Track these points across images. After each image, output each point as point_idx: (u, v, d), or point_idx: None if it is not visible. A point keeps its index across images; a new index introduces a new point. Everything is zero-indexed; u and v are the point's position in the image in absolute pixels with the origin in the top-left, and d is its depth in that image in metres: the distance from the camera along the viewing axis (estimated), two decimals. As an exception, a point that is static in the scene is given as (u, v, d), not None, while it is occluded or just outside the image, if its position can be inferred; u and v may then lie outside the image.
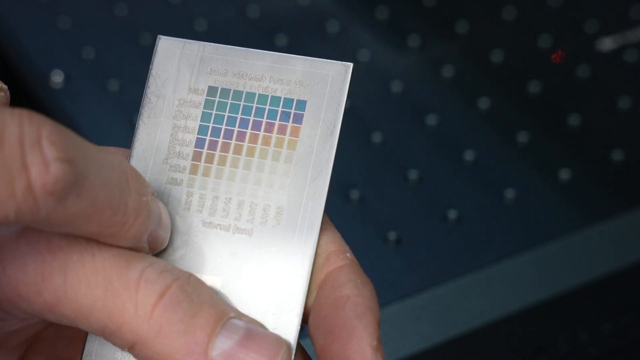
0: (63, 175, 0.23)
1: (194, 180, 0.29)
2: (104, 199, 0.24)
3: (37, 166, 0.23)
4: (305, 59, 0.29)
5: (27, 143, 0.23)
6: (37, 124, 0.23)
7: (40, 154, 0.23)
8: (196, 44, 0.29)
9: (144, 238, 0.26)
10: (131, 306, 0.25)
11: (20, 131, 0.23)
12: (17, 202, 0.23)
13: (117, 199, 0.25)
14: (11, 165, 0.22)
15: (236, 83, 0.29)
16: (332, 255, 0.28)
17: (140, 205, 0.26)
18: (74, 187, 0.23)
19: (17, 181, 0.22)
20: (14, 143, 0.23)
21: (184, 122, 0.29)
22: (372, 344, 0.26)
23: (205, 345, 0.25)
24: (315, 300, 0.28)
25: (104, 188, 0.24)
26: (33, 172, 0.23)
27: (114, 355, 0.28)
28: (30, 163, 0.23)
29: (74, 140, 0.24)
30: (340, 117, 0.29)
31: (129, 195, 0.25)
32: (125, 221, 0.25)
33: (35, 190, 0.23)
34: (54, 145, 0.23)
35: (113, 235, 0.25)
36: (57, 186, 0.23)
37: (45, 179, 0.23)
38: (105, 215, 0.25)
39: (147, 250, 0.27)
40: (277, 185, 0.28)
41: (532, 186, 0.53)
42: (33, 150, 0.23)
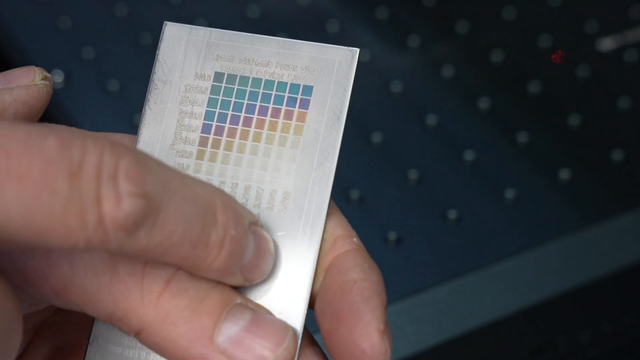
0: (135, 211, 0.23)
1: (201, 166, 0.29)
2: (182, 233, 0.24)
3: (110, 200, 0.23)
4: (312, 45, 0.29)
5: (103, 175, 0.23)
6: (117, 154, 0.23)
7: (114, 188, 0.23)
8: (202, 30, 0.29)
9: (234, 271, 0.26)
10: (137, 293, 0.25)
11: (100, 162, 0.23)
12: (87, 233, 0.23)
13: (198, 234, 0.25)
14: (85, 196, 0.22)
15: (243, 69, 0.29)
16: (339, 239, 0.28)
17: (225, 239, 0.25)
18: (146, 222, 0.23)
19: (88, 213, 0.22)
20: (91, 174, 0.23)
21: (191, 108, 0.29)
22: (379, 327, 0.26)
23: (212, 331, 0.25)
24: (322, 284, 0.28)
25: (184, 222, 0.24)
26: (105, 206, 0.23)
27: (121, 340, 0.28)
28: (103, 196, 0.23)
29: (155, 172, 0.24)
30: (347, 102, 0.29)
31: (213, 229, 0.25)
32: (207, 256, 0.25)
33: (106, 224, 0.23)
34: (130, 179, 0.23)
35: (194, 267, 0.25)
36: (128, 221, 0.23)
37: (116, 213, 0.23)
38: (184, 249, 0.24)
39: (242, 282, 0.27)
40: (283, 170, 0.28)
41: (532, 186, 0.53)
42: (108, 184, 0.23)
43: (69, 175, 0.22)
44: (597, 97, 0.58)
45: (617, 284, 0.51)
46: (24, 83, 0.29)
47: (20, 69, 0.29)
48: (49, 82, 0.29)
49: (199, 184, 0.25)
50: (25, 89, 0.29)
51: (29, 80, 0.29)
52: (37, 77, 0.29)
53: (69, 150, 0.22)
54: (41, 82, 0.29)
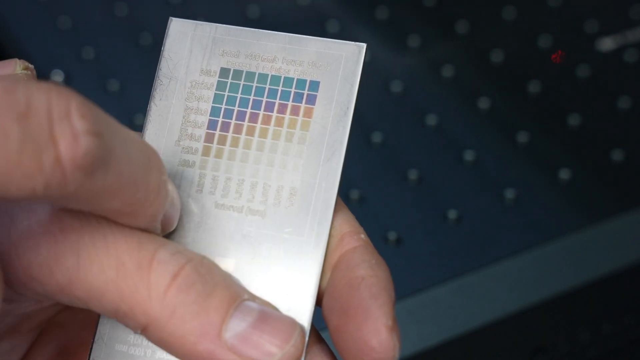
0: (93, 149, 0.22)
1: (207, 162, 0.28)
2: (129, 175, 0.24)
3: (67, 139, 0.22)
4: (318, 40, 0.29)
5: (55, 115, 0.22)
6: (65, 96, 0.23)
7: (70, 127, 0.22)
8: (208, 26, 0.29)
9: (159, 218, 0.26)
10: (144, 288, 0.25)
11: (49, 103, 0.22)
12: (46, 175, 0.22)
13: (141, 176, 0.25)
14: (39, 138, 0.22)
15: (248, 64, 0.29)
16: (346, 236, 0.28)
17: (160, 184, 0.25)
18: (102, 161, 0.23)
19: (45, 154, 0.22)
20: (42, 114, 0.22)
21: (196, 104, 0.29)
22: (387, 323, 0.26)
23: (219, 327, 0.25)
24: (329, 281, 0.28)
25: (129, 164, 0.24)
26: (62, 145, 0.22)
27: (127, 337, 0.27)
28: (59, 136, 0.22)
29: (101, 114, 0.23)
30: (354, 98, 0.29)
31: (151, 172, 0.25)
32: (146, 199, 0.25)
33: (64, 164, 0.22)
34: (84, 118, 0.23)
35: (133, 213, 0.25)
36: (86, 160, 0.22)
37: (74, 152, 0.22)
38: (129, 192, 0.24)
39: (159, 231, 0.27)
40: (290, 166, 0.28)
41: (532, 186, 0.53)
42: (62, 123, 0.22)
43: (18, 118, 0.22)
44: (597, 97, 0.58)
45: (617, 284, 0.51)
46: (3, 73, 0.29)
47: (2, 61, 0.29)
48: (30, 72, 0.29)
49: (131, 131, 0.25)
50: None
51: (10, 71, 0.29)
52: (18, 68, 0.29)
53: (13, 94, 0.22)
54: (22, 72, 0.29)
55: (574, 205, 0.52)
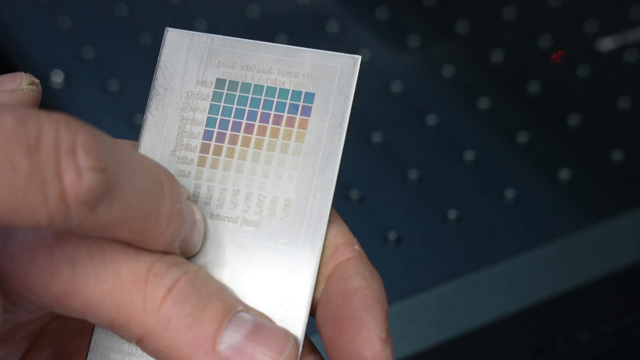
0: (96, 185, 0.23)
1: (202, 173, 0.29)
2: (137, 207, 0.24)
3: (71, 174, 0.23)
4: (314, 52, 0.29)
5: (62, 150, 0.23)
6: (73, 129, 0.23)
7: (74, 162, 0.23)
8: (204, 36, 0.29)
9: (176, 244, 0.26)
10: (140, 300, 0.25)
11: (57, 137, 0.23)
12: (50, 209, 0.23)
13: (150, 206, 0.25)
14: (46, 172, 0.22)
15: (244, 75, 0.29)
16: (340, 247, 0.28)
17: (173, 212, 0.26)
18: (106, 195, 0.23)
19: (50, 189, 0.22)
20: (49, 149, 0.23)
21: (192, 114, 0.29)
22: (380, 335, 0.26)
23: (213, 339, 0.26)
24: (323, 292, 0.28)
25: (137, 195, 0.24)
26: (66, 180, 0.23)
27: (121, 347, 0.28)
28: (64, 171, 0.23)
29: (109, 147, 0.24)
30: (349, 109, 0.29)
31: (163, 202, 0.25)
32: (157, 228, 0.25)
33: (68, 199, 0.23)
34: (89, 153, 0.23)
35: (144, 241, 0.25)
36: (89, 195, 0.23)
37: (78, 187, 0.23)
38: (137, 222, 0.25)
39: (178, 254, 0.27)
40: (285, 177, 0.28)
41: (532, 186, 0.53)
42: (67, 158, 0.23)
43: (27, 151, 0.22)
44: (597, 97, 0.58)
45: (617, 284, 0.51)
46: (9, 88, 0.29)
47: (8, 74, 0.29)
48: (36, 87, 0.29)
49: (145, 158, 0.25)
50: (9, 94, 0.29)
51: (15, 86, 0.29)
52: (24, 83, 0.29)
53: (25, 126, 0.22)
54: (27, 87, 0.29)
55: (574, 205, 0.52)
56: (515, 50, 0.61)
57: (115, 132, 0.55)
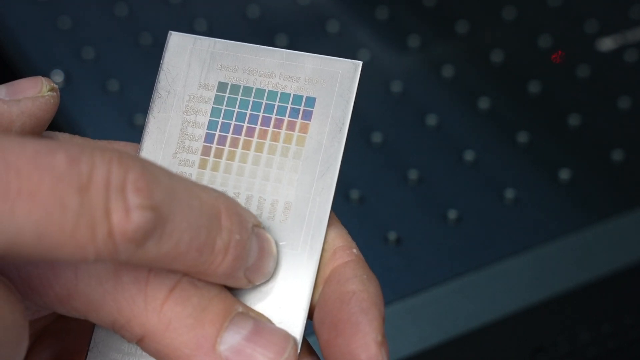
0: (144, 223, 0.23)
1: (203, 175, 0.29)
2: (189, 241, 0.24)
3: (120, 213, 0.23)
4: (315, 57, 0.29)
5: (112, 188, 0.23)
6: (125, 167, 0.23)
7: (123, 201, 0.23)
8: (207, 40, 0.30)
9: (239, 274, 0.26)
10: (141, 300, 0.25)
11: (108, 175, 0.23)
12: (97, 246, 0.23)
13: (204, 240, 0.25)
14: (95, 210, 0.23)
15: (246, 79, 0.29)
16: (339, 250, 0.28)
17: (229, 245, 0.25)
18: (155, 232, 0.23)
19: (98, 226, 0.23)
20: (100, 187, 0.23)
21: (194, 117, 0.29)
22: (376, 339, 0.26)
23: (214, 340, 0.26)
24: (321, 295, 0.28)
25: (190, 230, 0.24)
26: (115, 218, 0.23)
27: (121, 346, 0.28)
28: (113, 209, 0.23)
29: (162, 183, 0.24)
30: (349, 114, 0.29)
31: (219, 234, 0.25)
32: (213, 261, 0.25)
33: (116, 237, 0.23)
34: (139, 191, 0.23)
35: (200, 273, 0.26)
36: (137, 234, 0.23)
37: (125, 226, 0.23)
38: (191, 256, 0.25)
39: (245, 283, 0.27)
40: (285, 180, 0.29)
41: (532, 186, 0.53)
42: (117, 196, 0.23)
43: (79, 190, 0.22)
44: (597, 97, 0.58)
45: (617, 284, 0.51)
46: (30, 94, 0.29)
47: (27, 79, 0.29)
48: (55, 93, 0.29)
49: (203, 190, 0.25)
50: (32, 101, 0.29)
51: (36, 92, 0.29)
52: (45, 89, 0.29)
53: (77, 165, 0.23)
54: (48, 93, 0.29)
55: (574, 205, 0.52)
56: (515, 50, 0.61)
57: (115, 132, 0.55)
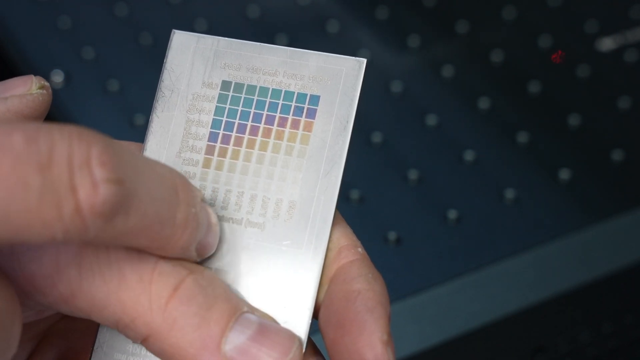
0: (112, 197, 0.23)
1: (207, 174, 0.29)
2: (153, 214, 0.24)
3: (86, 188, 0.22)
4: (319, 55, 0.29)
5: (75, 163, 0.22)
6: (86, 142, 0.23)
7: (89, 175, 0.22)
8: (210, 39, 0.30)
9: (193, 248, 0.26)
10: (145, 299, 0.25)
11: (70, 151, 0.22)
12: (65, 224, 0.22)
13: (166, 213, 0.25)
14: (59, 186, 0.22)
15: (250, 78, 0.29)
16: (344, 249, 0.28)
17: (188, 217, 0.25)
18: (122, 206, 0.23)
19: (64, 203, 0.22)
20: (62, 164, 0.22)
21: (198, 116, 0.29)
22: (382, 338, 0.26)
23: (219, 339, 0.26)
24: (326, 294, 0.28)
25: (153, 203, 0.24)
26: (81, 194, 0.22)
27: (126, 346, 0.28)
28: (78, 184, 0.22)
29: (124, 157, 0.23)
30: (354, 112, 0.29)
31: (178, 207, 0.25)
32: (174, 234, 0.25)
33: (84, 212, 0.22)
34: (104, 165, 0.23)
35: (161, 248, 0.25)
36: (105, 208, 0.23)
37: (93, 200, 0.22)
38: (154, 229, 0.25)
39: (195, 258, 0.27)
40: (289, 179, 0.28)
41: (532, 186, 0.53)
42: (82, 171, 0.22)
43: (39, 168, 0.22)
44: (597, 97, 0.58)
45: (617, 284, 0.51)
46: (19, 92, 0.29)
47: (18, 78, 0.29)
48: (46, 91, 0.29)
49: (159, 165, 0.25)
50: (19, 99, 0.28)
51: (25, 90, 0.29)
52: (34, 87, 0.29)
53: (35, 143, 0.22)
54: (37, 91, 0.29)
55: (574, 205, 0.52)
56: (515, 50, 0.61)
57: (115, 132, 0.55)
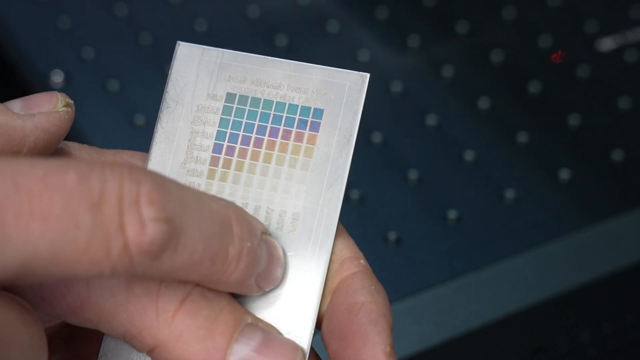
0: (159, 236, 0.23)
1: (211, 185, 0.29)
2: (202, 251, 0.24)
3: (134, 227, 0.23)
4: (323, 69, 0.30)
5: (125, 202, 0.23)
6: (136, 180, 0.23)
7: (138, 214, 0.23)
8: (215, 51, 0.30)
9: (250, 282, 0.27)
10: (152, 312, 0.26)
11: (120, 190, 0.23)
12: (112, 261, 0.23)
13: (217, 249, 0.25)
14: (109, 225, 0.23)
15: (254, 90, 0.30)
16: (347, 261, 0.28)
17: (242, 252, 0.26)
18: (169, 244, 0.23)
19: (113, 242, 0.23)
20: (113, 202, 0.23)
21: (202, 128, 0.29)
22: (385, 350, 0.27)
23: (224, 351, 0.26)
24: (329, 306, 0.28)
25: (203, 240, 0.24)
26: (129, 232, 0.23)
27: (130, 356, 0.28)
28: (127, 223, 0.23)
29: (174, 195, 0.24)
30: (357, 126, 0.29)
31: (231, 243, 0.25)
32: (226, 269, 0.25)
33: (131, 251, 0.23)
34: (152, 204, 0.23)
35: (214, 282, 0.26)
36: (152, 246, 0.23)
37: (140, 239, 0.23)
38: (204, 266, 0.25)
39: (256, 290, 0.27)
40: (293, 191, 0.29)
41: (532, 186, 0.53)
42: (130, 210, 0.23)
43: (91, 207, 0.22)
44: (597, 97, 0.58)
45: (617, 284, 0.51)
46: (45, 109, 0.29)
47: (42, 94, 0.29)
48: (70, 108, 0.29)
49: (213, 200, 0.26)
50: (46, 116, 0.29)
51: (51, 107, 0.29)
52: (60, 104, 0.29)
53: (88, 181, 0.23)
54: (63, 108, 0.29)
55: (574, 205, 0.52)
56: (515, 50, 0.61)
57: (115, 132, 0.55)
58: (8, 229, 0.22)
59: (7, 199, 0.22)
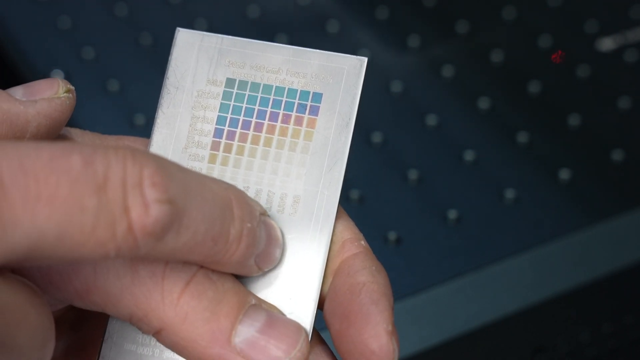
0: (163, 217, 0.23)
1: (213, 169, 0.29)
2: (204, 232, 0.25)
3: (138, 208, 0.23)
4: (322, 53, 0.30)
5: (129, 185, 0.23)
6: (139, 164, 0.24)
7: (141, 196, 0.23)
8: (214, 37, 0.30)
9: (250, 262, 0.27)
10: (158, 294, 0.26)
11: (124, 173, 0.23)
12: (117, 243, 0.23)
13: (219, 230, 0.25)
14: (113, 207, 0.23)
15: (254, 75, 0.30)
16: (347, 242, 0.29)
17: (242, 233, 0.26)
18: (173, 225, 0.24)
19: (118, 223, 0.23)
20: (117, 185, 0.23)
21: (203, 113, 0.30)
22: (387, 328, 0.27)
23: (229, 332, 0.26)
24: (331, 286, 0.28)
25: (205, 221, 0.25)
26: (133, 214, 0.23)
27: (135, 337, 0.28)
28: (131, 205, 0.23)
29: (176, 177, 0.24)
30: (355, 109, 0.30)
31: (232, 224, 0.26)
32: (227, 250, 0.26)
33: (135, 232, 0.23)
34: (155, 186, 0.23)
35: (216, 263, 0.26)
36: (156, 227, 0.23)
37: (144, 221, 0.23)
38: (206, 246, 0.25)
39: (256, 271, 0.28)
40: (293, 174, 0.29)
41: (532, 186, 0.53)
42: (134, 193, 0.23)
43: (96, 190, 0.23)
44: (597, 97, 0.58)
45: (617, 284, 0.51)
46: (47, 95, 0.29)
47: (43, 80, 0.30)
48: (72, 94, 0.30)
49: (214, 182, 0.26)
50: (48, 102, 0.29)
51: (53, 93, 0.29)
52: (61, 90, 0.30)
53: (92, 165, 0.23)
54: (64, 94, 0.30)
55: (574, 205, 0.52)
56: (515, 50, 0.61)
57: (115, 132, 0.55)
58: (16, 211, 0.22)
59: (15, 182, 0.22)
